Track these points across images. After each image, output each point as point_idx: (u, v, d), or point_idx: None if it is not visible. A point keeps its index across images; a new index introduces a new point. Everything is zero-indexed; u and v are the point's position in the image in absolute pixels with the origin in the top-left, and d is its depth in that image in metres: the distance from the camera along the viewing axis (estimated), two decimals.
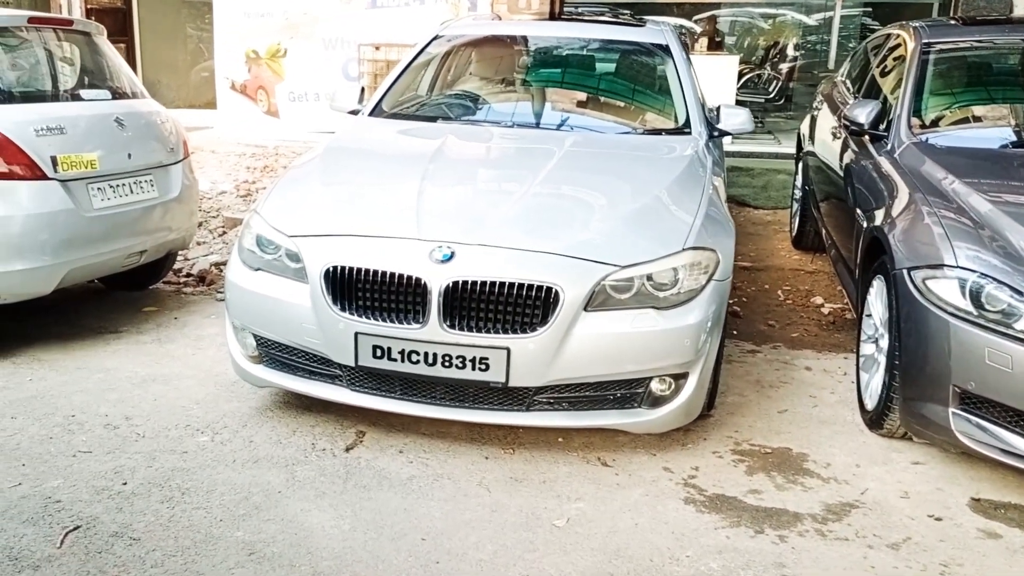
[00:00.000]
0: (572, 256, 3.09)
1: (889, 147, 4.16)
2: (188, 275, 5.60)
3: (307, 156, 4.10)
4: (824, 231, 5.35)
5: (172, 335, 4.47)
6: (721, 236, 3.41)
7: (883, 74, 5.14)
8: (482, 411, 3.15)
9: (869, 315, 3.84)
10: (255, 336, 3.36)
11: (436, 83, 5.04)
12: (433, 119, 4.57)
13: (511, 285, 3.00)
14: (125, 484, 2.97)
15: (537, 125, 4.55)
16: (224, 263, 5.80)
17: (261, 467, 3.12)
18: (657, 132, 4.46)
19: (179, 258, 5.59)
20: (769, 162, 8.95)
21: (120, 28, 11.15)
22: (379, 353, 3.08)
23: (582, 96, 4.94)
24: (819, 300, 5.40)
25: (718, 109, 4.51)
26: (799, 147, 6.59)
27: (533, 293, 3.00)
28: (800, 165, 6.42)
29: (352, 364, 3.13)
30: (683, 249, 3.19)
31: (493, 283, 3.00)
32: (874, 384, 3.64)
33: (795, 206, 6.55)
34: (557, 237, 3.18)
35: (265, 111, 10.17)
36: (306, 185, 3.69)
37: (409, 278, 3.03)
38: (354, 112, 4.67)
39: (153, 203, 4.60)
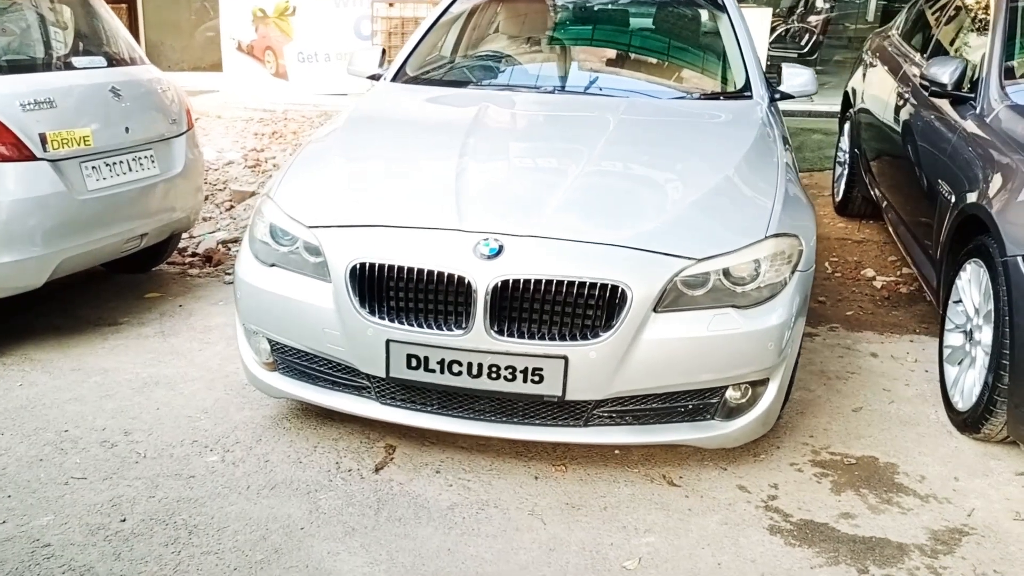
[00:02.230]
0: (640, 248, 2.65)
1: (978, 110, 3.67)
2: (193, 255, 5.17)
3: (326, 129, 3.63)
4: (883, 201, 4.88)
5: (177, 327, 4.06)
6: (803, 219, 2.97)
7: (952, 26, 4.62)
8: (533, 428, 2.74)
9: (957, 301, 3.41)
10: (270, 341, 2.95)
11: (462, 42, 4.54)
12: (465, 84, 4.08)
13: (570, 284, 2.56)
14: (124, 521, 2.57)
15: (582, 90, 4.02)
16: (232, 241, 5.37)
17: (279, 495, 2.72)
18: (715, 96, 3.97)
19: (183, 236, 5.15)
20: (803, 121, 8.43)
21: None
22: (414, 363, 2.66)
23: (629, 56, 4.43)
24: (870, 272, 4.98)
25: (779, 68, 4.03)
26: (845, 106, 6.06)
27: (596, 292, 2.57)
28: (847, 126, 5.91)
29: (383, 375, 2.71)
30: (765, 237, 2.75)
31: (549, 281, 2.56)
32: (967, 382, 3.22)
33: (839, 169, 6.04)
34: (621, 226, 2.74)
35: (273, 73, 9.63)
36: (326, 164, 3.22)
37: (451, 277, 2.60)
38: (374, 77, 4.19)
39: (154, 181, 4.15)
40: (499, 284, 2.56)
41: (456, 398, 2.74)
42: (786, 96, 3.97)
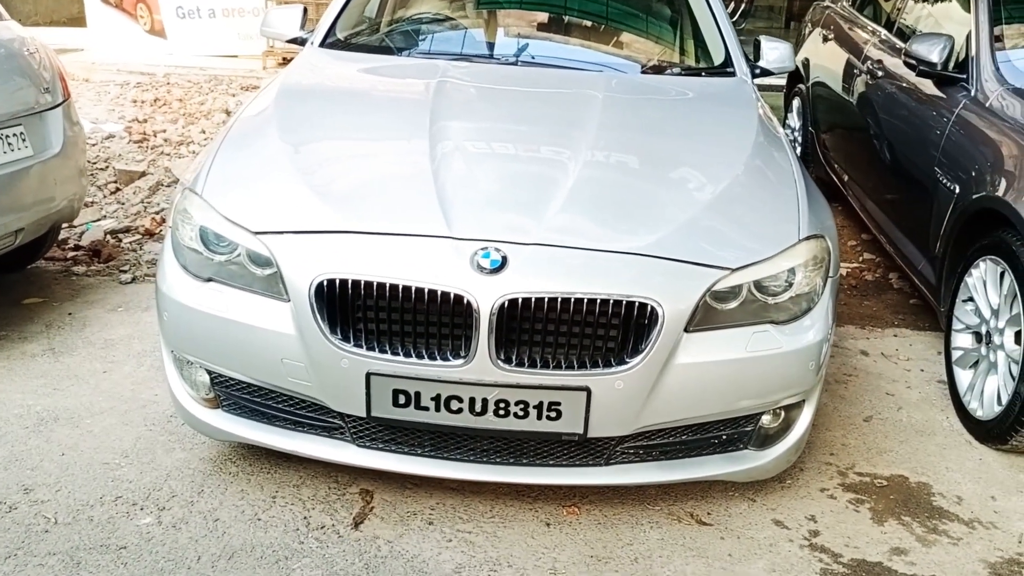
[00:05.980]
0: (669, 258, 2.23)
1: (973, 93, 3.41)
2: (77, 247, 4.41)
3: (254, 106, 3.01)
4: (845, 177, 4.65)
5: (70, 341, 3.39)
6: (825, 216, 2.63)
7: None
8: (547, 470, 2.30)
9: (967, 300, 3.17)
10: (209, 372, 2.38)
11: (388, 2, 3.97)
12: (408, 51, 3.49)
13: (591, 302, 2.13)
14: None
15: (548, 61, 3.48)
16: (123, 230, 4.64)
17: (241, 568, 2.17)
18: (696, 72, 3.57)
19: (63, 225, 4.38)
20: None
21: None
22: (402, 400, 2.17)
23: (593, 24, 3.98)
24: None
25: (756, 42, 3.68)
26: (792, 80, 5.80)
27: (621, 311, 2.14)
28: (797, 102, 5.66)
29: (362, 415, 2.21)
30: (799, 240, 2.38)
31: (565, 300, 2.12)
32: (986, 389, 2.99)
33: None
34: (641, 230, 2.31)
35: (148, 30, 8.64)
36: (265, 149, 2.63)
37: (445, 295, 2.11)
38: (296, 41, 3.58)
39: (27, 164, 3.43)
40: (506, 303, 2.10)
41: (452, 438, 2.27)
42: (766, 72, 3.63)
